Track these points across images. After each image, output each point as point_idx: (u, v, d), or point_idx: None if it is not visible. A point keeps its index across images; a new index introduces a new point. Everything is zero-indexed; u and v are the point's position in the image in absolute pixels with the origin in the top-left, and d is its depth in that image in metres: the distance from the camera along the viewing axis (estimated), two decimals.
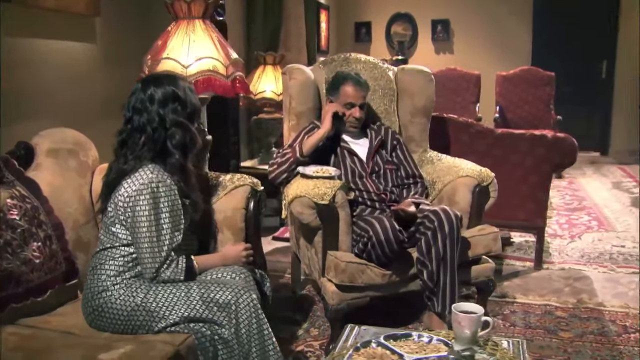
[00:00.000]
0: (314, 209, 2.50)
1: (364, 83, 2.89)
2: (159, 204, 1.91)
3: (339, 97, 2.86)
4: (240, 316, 1.87)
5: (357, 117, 2.86)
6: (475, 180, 2.79)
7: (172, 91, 1.99)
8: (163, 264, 1.91)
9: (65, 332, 1.83)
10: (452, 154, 3.57)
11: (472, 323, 1.68)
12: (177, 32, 2.70)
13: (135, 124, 1.98)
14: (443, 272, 2.49)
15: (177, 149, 1.98)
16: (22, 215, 1.97)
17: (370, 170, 2.84)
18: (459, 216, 2.51)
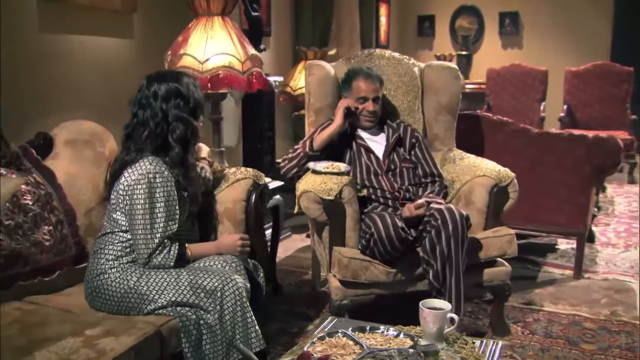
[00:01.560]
0: (320, 204, 2.64)
1: (375, 76, 2.99)
2: (155, 194, 2.11)
3: (352, 93, 2.98)
4: (225, 303, 2.05)
5: (370, 110, 2.96)
6: (492, 180, 2.83)
7: (175, 87, 2.20)
8: (155, 250, 2.11)
9: (64, 310, 2.07)
10: (486, 154, 3.61)
11: (437, 319, 1.78)
12: (197, 29, 2.91)
13: (140, 118, 2.20)
14: (449, 272, 2.56)
15: (177, 142, 2.18)
16: (35, 201, 2.23)
17: (386, 168, 2.94)
18: (465, 215, 2.57)
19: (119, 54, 3.46)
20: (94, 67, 3.25)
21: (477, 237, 2.75)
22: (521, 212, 3.73)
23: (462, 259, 2.56)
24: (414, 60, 3.36)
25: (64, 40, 3.09)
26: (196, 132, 2.24)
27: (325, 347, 1.72)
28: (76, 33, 3.15)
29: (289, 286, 3.48)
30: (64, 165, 2.44)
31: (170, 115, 2.18)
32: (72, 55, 3.13)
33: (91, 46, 3.26)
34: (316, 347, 1.73)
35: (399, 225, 2.54)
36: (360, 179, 2.91)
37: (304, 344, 1.76)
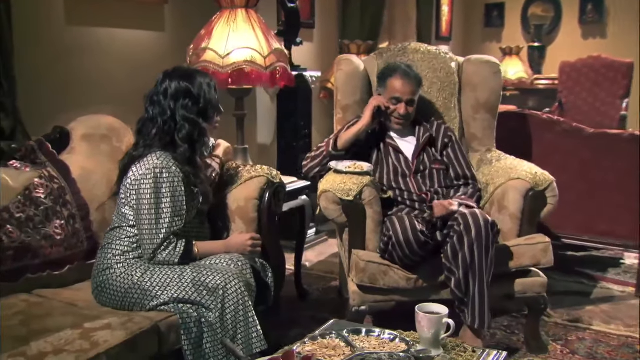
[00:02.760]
0: (339, 205, 2.76)
1: (413, 77, 3.05)
2: (161, 189, 2.29)
3: (386, 91, 3.06)
4: (227, 301, 2.20)
5: (402, 113, 3.03)
6: (527, 183, 2.87)
7: (185, 87, 2.38)
8: (160, 246, 2.29)
9: (70, 304, 2.27)
10: (534, 156, 3.66)
11: (432, 324, 1.87)
12: (220, 22, 3.10)
13: (150, 114, 2.40)
14: (472, 280, 2.62)
15: (183, 142, 2.36)
16: (47, 194, 2.46)
17: (415, 169, 3.03)
18: (490, 221, 2.63)
19: (149, 48, 3.69)
20: (122, 60, 3.49)
21: (507, 245, 2.80)
22: (575, 220, 3.76)
23: (486, 267, 2.62)
24: (452, 55, 3.43)
25: (91, 33, 3.34)
26: (204, 133, 2.42)
27: (315, 347, 1.84)
28: (104, 25, 3.39)
29: (316, 292, 3.62)
30: (79, 159, 2.67)
31: (178, 114, 2.36)
32: (100, 48, 3.38)
33: (120, 39, 3.50)
34: (306, 346, 1.86)
35: (419, 229, 2.63)
36: (387, 180, 3.01)
37: (292, 345, 1.89)
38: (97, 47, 3.36)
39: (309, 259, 4.18)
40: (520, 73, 7.77)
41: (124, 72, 3.49)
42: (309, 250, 4.33)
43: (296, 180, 3.57)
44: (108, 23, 3.43)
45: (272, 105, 4.46)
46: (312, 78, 4.37)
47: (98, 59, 3.37)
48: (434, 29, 7.43)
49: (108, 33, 3.43)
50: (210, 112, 2.46)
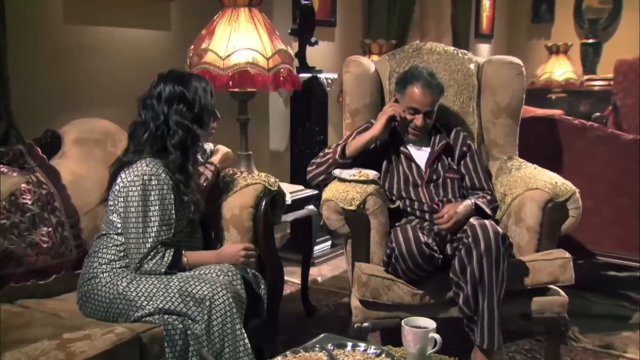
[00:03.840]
0: (341, 215, 2.85)
1: (435, 86, 3.02)
2: (149, 197, 2.42)
3: (404, 98, 3.09)
4: (214, 313, 2.31)
5: (419, 125, 3.08)
6: (546, 194, 2.90)
7: (180, 91, 2.50)
8: (147, 255, 2.41)
9: (52, 314, 2.39)
10: (565, 165, 3.69)
11: (417, 338, 1.95)
12: (221, 22, 3.22)
13: (142, 118, 2.53)
14: (481, 297, 2.66)
15: (176, 148, 2.48)
16: (35, 200, 2.60)
17: (427, 178, 3.10)
18: (500, 233, 2.67)
19: (153, 47, 3.84)
20: (125, 61, 3.63)
21: (523, 260, 2.85)
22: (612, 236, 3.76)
23: (497, 283, 2.65)
24: (471, 55, 3.49)
25: (91, 32, 3.49)
26: (197, 139, 2.54)
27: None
28: (105, 24, 3.55)
29: (325, 308, 3.72)
30: (71, 164, 2.81)
31: (172, 120, 2.48)
32: (101, 48, 3.53)
33: (122, 38, 3.65)
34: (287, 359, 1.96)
35: (423, 241, 2.69)
36: (396, 189, 3.08)
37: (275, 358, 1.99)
38: (97, 47, 3.51)
39: (322, 273, 4.28)
40: (568, 73, 7.73)
41: (126, 74, 3.64)
42: (323, 265, 4.44)
43: (302, 189, 3.66)
44: (110, 22, 3.58)
45: (285, 109, 4.57)
46: (327, 80, 4.46)
47: (99, 60, 3.52)
48: (473, 26, 7.46)
49: (110, 32, 3.58)
50: (206, 117, 2.57)
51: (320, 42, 4.92)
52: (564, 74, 7.78)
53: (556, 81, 7.67)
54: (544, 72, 7.75)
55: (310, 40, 4.38)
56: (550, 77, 7.68)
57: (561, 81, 7.72)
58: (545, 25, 8.39)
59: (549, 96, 7.59)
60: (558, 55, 7.80)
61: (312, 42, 4.38)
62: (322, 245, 4.59)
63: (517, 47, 8.49)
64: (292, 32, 4.49)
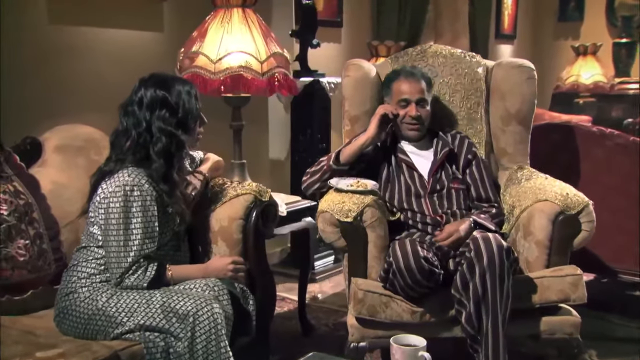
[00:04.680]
0: (337, 227, 2.89)
1: (419, 75, 3.17)
2: (131, 208, 2.47)
3: (392, 97, 3.20)
4: (198, 330, 2.36)
5: (413, 115, 3.15)
6: (556, 206, 2.92)
7: (162, 96, 2.56)
8: (128, 269, 2.46)
9: (27, 332, 2.43)
10: (583, 174, 3.71)
11: (407, 357, 2.00)
12: (213, 23, 3.30)
13: (123, 126, 2.59)
14: (485, 315, 2.69)
15: (159, 156, 2.54)
16: (11, 211, 2.67)
17: (430, 188, 3.14)
18: (505, 246, 2.70)
19: (145, 50, 3.91)
20: (114, 64, 3.69)
21: (531, 276, 2.88)
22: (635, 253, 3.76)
23: (501, 301, 2.68)
24: (480, 58, 3.53)
25: (78, 32, 3.56)
26: (182, 146, 2.59)
27: None
28: (93, 25, 3.61)
29: (324, 327, 3.76)
30: (51, 173, 2.88)
31: (154, 126, 2.54)
32: (89, 50, 3.59)
33: (111, 40, 3.71)
34: None
35: (421, 255, 2.72)
36: (397, 200, 3.13)
37: None
38: (85, 48, 3.57)
39: (323, 290, 4.32)
40: (597, 76, 7.70)
41: (115, 77, 3.69)
42: (325, 281, 4.48)
43: (300, 200, 3.71)
44: (98, 22, 3.64)
45: (285, 115, 4.63)
46: (330, 84, 4.52)
47: (86, 63, 3.58)
48: (493, 26, 7.49)
49: (98, 33, 3.64)
50: (191, 122, 2.63)
51: (325, 43, 5.00)
52: (592, 76, 7.74)
53: (583, 84, 7.66)
54: (570, 75, 7.74)
55: (312, 42, 4.43)
56: (577, 80, 7.67)
57: (589, 84, 7.68)
58: (574, 24, 8.36)
59: (575, 101, 7.59)
60: (586, 56, 7.77)
61: (314, 44, 4.44)
62: (325, 261, 4.63)
63: (542, 48, 8.49)
64: (293, 34, 4.54)
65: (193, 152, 2.98)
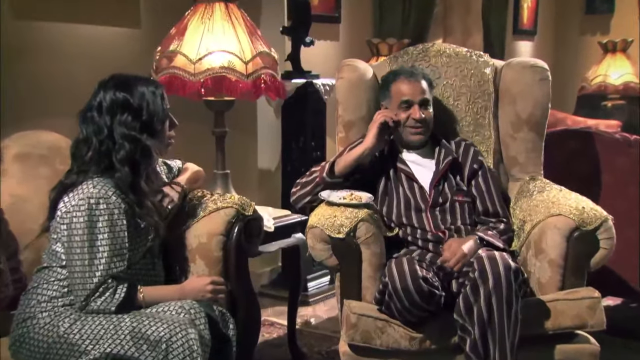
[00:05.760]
0: (328, 244, 2.91)
1: (421, 75, 3.19)
2: (97, 223, 2.48)
3: (392, 100, 3.21)
4: (172, 358, 2.36)
5: (417, 118, 3.17)
6: (571, 221, 2.93)
7: (123, 98, 2.58)
8: (94, 292, 2.47)
9: None
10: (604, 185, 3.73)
11: None
12: (193, 19, 3.32)
13: (83, 134, 2.61)
14: (492, 342, 2.69)
15: (122, 164, 2.54)
16: None
17: (432, 201, 3.16)
18: (512, 266, 2.71)
19: (120, 48, 3.94)
20: (85, 63, 3.70)
21: (543, 300, 2.89)
22: None
23: (509, 327, 2.68)
24: (488, 58, 3.55)
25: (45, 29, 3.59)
26: (148, 152, 2.60)
27: None
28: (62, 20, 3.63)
29: (317, 355, 3.78)
30: (10, 185, 2.89)
31: (116, 132, 2.55)
32: (56, 48, 3.62)
33: (82, 37, 3.74)
34: None
35: (420, 275, 2.72)
36: (396, 214, 3.15)
37: None
38: (52, 46, 3.59)
39: (317, 314, 4.34)
40: (628, 76, 7.65)
41: (87, 78, 3.64)
42: (319, 304, 4.50)
43: (289, 214, 3.74)
44: (67, 17, 3.66)
45: (276, 120, 4.65)
46: (325, 87, 4.55)
47: (54, 62, 3.60)
48: (510, 21, 7.50)
49: (68, 29, 3.66)
50: (157, 125, 2.64)
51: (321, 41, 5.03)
52: (621, 76, 7.69)
53: (612, 85, 7.64)
54: (597, 75, 7.73)
55: (305, 40, 4.46)
56: (605, 80, 7.65)
57: (618, 85, 7.65)
58: (602, 17, 8.31)
59: (603, 104, 7.58)
60: (615, 53, 7.71)
61: (307, 42, 4.47)
62: (319, 282, 4.65)
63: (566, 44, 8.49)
64: (285, 31, 4.57)
65: (171, 162, 3.01)
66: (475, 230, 3.09)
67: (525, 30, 7.83)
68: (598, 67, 7.77)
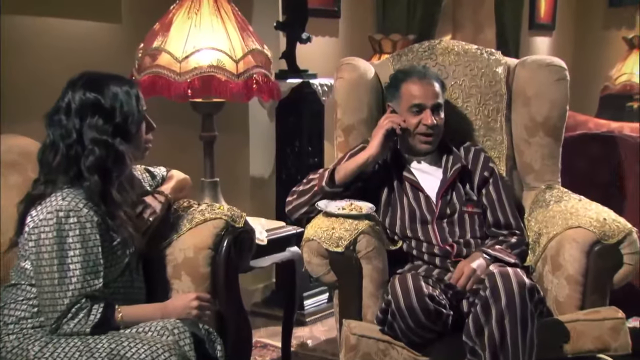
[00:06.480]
0: (325, 259, 2.92)
1: (434, 76, 3.18)
2: (66, 238, 2.46)
3: (401, 102, 3.19)
4: None
5: (429, 124, 3.14)
6: (592, 234, 2.93)
7: (94, 99, 2.55)
8: (66, 313, 2.45)
9: None
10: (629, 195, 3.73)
11: None
12: (179, 13, 3.32)
13: (50, 138, 2.58)
14: None
15: (91, 172, 2.51)
16: None
17: (439, 212, 3.16)
18: (527, 284, 2.70)
19: (99, 44, 3.94)
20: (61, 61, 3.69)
21: (561, 320, 2.89)
22: None
23: (524, 350, 2.67)
24: (499, 56, 3.56)
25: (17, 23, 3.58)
26: (121, 157, 2.56)
27: None
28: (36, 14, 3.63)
29: None
30: None
31: (86, 137, 2.52)
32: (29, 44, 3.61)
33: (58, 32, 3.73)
34: None
35: (426, 293, 2.73)
36: (400, 226, 3.16)
37: None
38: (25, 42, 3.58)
39: (314, 335, 4.34)
40: None
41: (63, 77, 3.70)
42: (317, 324, 4.49)
43: (283, 226, 3.74)
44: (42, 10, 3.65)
45: (270, 124, 4.65)
46: (323, 87, 4.55)
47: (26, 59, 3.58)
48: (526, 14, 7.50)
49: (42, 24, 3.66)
50: (131, 128, 2.60)
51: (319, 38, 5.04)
52: None
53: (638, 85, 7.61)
54: (621, 74, 7.71)
55: (301, 36, 4.47)
56: (630, 79, 7.61)
57: None
58: (628, 10, 8.25)
59: (628, 105, 7.57)
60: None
61: (304, 38, 4.47)
62: (317, 299, 4.63)
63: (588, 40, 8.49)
64: (279, 26, 4.58)
65: (154, 169, 3.00)
66: (482, 246, 3.09)
67: (543, 25, 7.82)
68: (623, 65, 7.74)
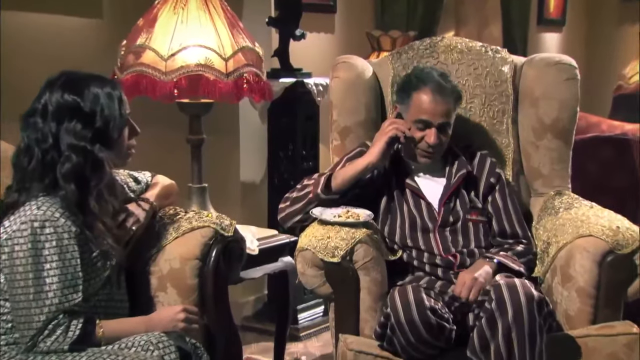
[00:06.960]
0: (320, 269, 2.92)
1: (450, 91, 3.10)
2: (42, 250, 2.43)
3: (408, 110, 3.14)
4: None
5: (431, 143, 3.13)
6: (604, 243, 2.93)
7: (72, 102, 2.52)
8: (42, 330, 2.42)
9: None
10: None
11: None
12: (164, 8, 3.32)
13: (24, 142, 2.55)
14: None
15: (67, 180, 2.48)
16: None
17: (441, 220, 3.16)
18: (536, 297, 2.70)
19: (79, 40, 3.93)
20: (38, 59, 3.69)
21: (571, 335, 2.89)
22: None
23: None
24: (505, 54, 3.55)
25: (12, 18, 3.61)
26: (100, 164, 2.53)
27: None
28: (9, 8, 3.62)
29: None
30: None
31: (63, 142, 2.49)
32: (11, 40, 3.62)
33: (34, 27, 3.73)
34: None
35: (427, 306, 2.72)
36: (399, 235, 3.16)
37: None
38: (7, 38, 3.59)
39: (309, 350, 4.34)
40: None
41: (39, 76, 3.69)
42: (312, 339, 4.49)
43: (276, 234, 3.74)
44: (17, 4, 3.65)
45: (262, 126, 4.65)
46: (318, 87, 4.55)
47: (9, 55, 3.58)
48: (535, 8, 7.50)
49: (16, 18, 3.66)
50: (113, 133, 2.58)
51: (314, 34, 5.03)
52: None
53: None
54: (636, 72, 7.70)
55: (294, 32, 4.47)
56: None
57: None
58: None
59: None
60: None
61: (298, 35, 4.47)
62: (312, 312, 4.63)
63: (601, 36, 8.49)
64: (271, 22, 4.58)
65: (138, 174, 2.99)
66: (490, 253, 3.09)
67: (552, 20, 7.82)
68: (637, 63, 7.75)
